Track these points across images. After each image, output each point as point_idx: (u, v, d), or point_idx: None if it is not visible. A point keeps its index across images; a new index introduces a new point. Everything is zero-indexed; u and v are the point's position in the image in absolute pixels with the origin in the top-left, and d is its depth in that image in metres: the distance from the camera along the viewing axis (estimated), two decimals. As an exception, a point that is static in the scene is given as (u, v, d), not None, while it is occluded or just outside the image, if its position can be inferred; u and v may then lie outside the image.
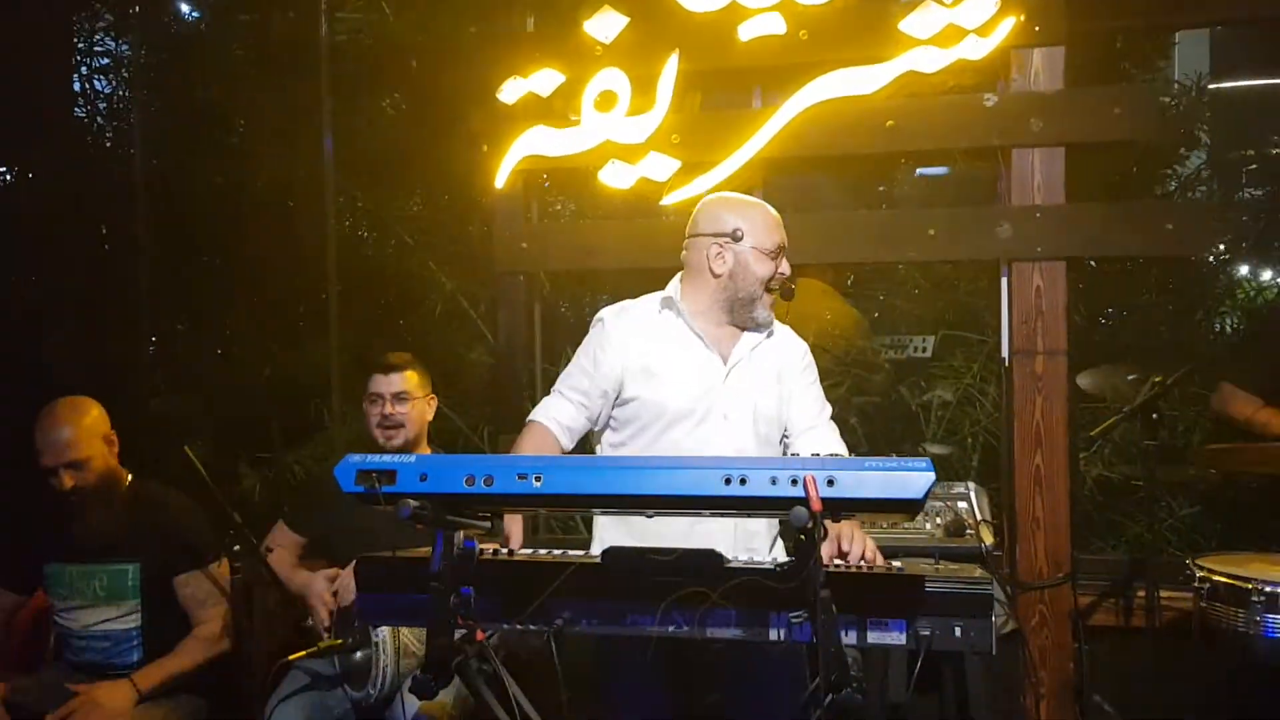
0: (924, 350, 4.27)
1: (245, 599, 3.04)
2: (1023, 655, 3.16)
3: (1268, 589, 2.64)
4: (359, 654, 2.78)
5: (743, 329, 2.61)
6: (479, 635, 1.78)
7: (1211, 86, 4.52)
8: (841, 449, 2.60)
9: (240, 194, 4.69)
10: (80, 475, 2.92)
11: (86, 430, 2.95)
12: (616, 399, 2.57)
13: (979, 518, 3.00)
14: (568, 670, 1.84)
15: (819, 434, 2.60)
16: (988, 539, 2.88)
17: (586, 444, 2.67)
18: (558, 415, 2.57)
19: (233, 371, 4.91)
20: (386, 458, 1.69)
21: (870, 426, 3.95)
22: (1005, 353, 3.44)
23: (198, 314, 5.08)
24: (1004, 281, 3.43)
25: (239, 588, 2.97)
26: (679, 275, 2.65)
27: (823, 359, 3.93)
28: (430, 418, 3.19)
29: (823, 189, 3.95)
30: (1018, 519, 3.34)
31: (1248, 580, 2.68)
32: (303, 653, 2.68)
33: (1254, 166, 4.59)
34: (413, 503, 1.60)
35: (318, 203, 4.33)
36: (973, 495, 3.14)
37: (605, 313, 2.65)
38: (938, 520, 3.00)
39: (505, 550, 2.04)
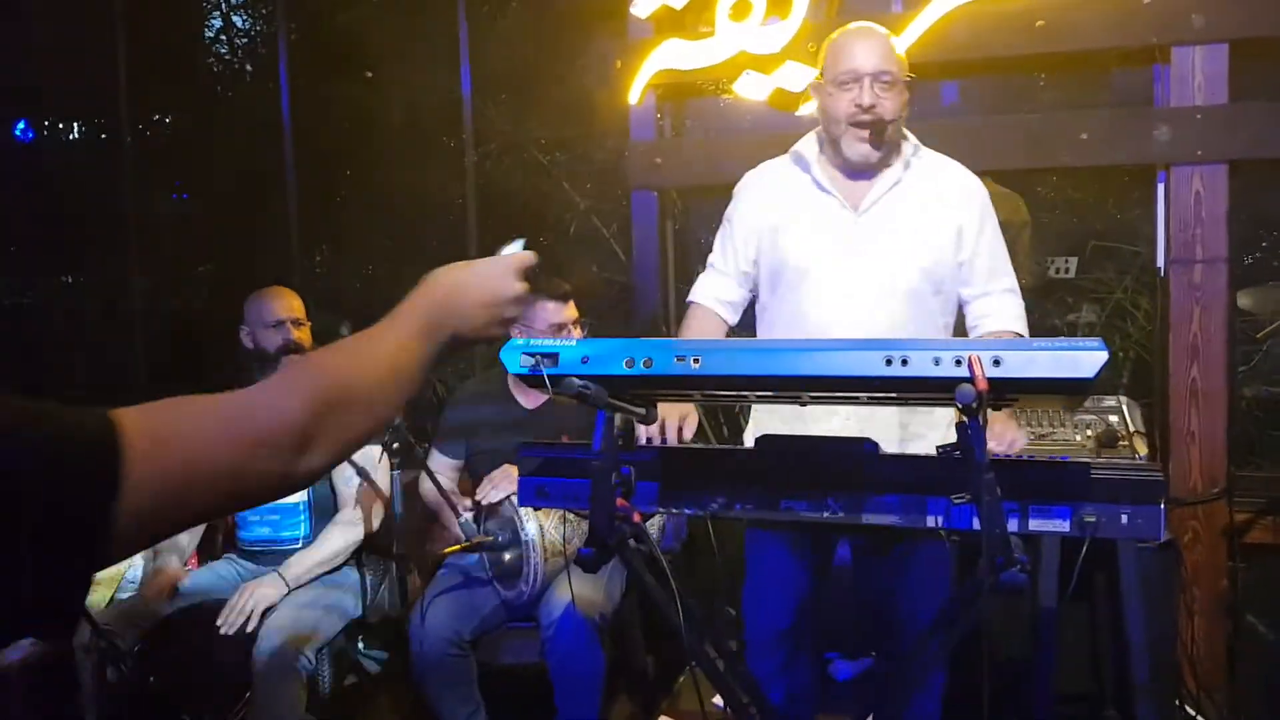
0: (1066, 271, 4.15)
1: (406, 499, 3.11)
2: (1178, 570, 3.07)
3: None
4: (508, 555, 2.87)
5: (862, 172, 2.40)
6: (636, 517, 1.83)
7: None
8: (1017, 326, 2.43)
9: (375, 119, 4.79)
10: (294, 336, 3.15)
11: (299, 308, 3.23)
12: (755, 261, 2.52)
13: (1132, 429, 2.90)
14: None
15: (989, 303, 2.45)
16: (1141, 450, 2.79)
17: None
18: (716, 292, 2.57)
19: (373, 293, 5.07)
20: (548, 341, 1.72)
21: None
22: (1161, 262, 3.30)
23: (338, 240, 5.24)
24: (1160, 188, 3.28)
25: (400, 486, 3.05)
26: None
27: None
28: None
29: (969, 95, 3.83)
30: (1171, 433, 3.23)
31: None
32: (455, 547, 2.81)
33: None
34: (578, 381, 1.64)
35: (454, 126, 4.39)
36: (1124, 408, 3.04)
37: (747, 175, 2.60)
38: (1089, 432, 2.91)
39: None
